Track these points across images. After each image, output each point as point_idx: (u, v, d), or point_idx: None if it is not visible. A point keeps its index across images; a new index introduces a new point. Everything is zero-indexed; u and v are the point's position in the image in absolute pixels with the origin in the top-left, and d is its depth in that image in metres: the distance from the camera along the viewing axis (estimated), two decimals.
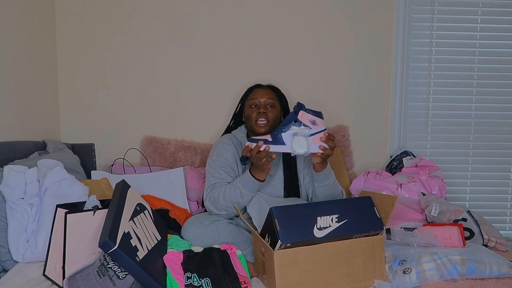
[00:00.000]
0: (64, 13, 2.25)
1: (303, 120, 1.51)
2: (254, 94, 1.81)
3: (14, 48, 1.86)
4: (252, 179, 1.58)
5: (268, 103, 1.78)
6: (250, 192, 1.60)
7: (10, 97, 1.83)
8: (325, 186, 1.66)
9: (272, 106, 1.78)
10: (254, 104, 1.78)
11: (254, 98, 1.79)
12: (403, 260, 1.39)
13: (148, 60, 2.31)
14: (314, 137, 1.51)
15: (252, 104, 1.78)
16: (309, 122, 1.51)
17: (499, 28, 2.42)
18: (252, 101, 1.79)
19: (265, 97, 1.78)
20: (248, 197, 1.61)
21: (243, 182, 1.60)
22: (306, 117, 1.51)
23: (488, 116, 2.46)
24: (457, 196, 2.47)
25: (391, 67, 2.40)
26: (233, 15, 2.32)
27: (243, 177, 1.61)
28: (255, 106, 1.78)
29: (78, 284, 1.23)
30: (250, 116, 1.77)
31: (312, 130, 1.51)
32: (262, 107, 1.77)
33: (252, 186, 1.59)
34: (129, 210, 1.37)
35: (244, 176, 1.61)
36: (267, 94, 1.80)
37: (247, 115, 1.80)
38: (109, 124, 2.32)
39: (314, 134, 1.51)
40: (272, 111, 1.77)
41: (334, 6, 2.35)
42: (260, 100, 1.78)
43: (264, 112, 1.74)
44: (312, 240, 1.31)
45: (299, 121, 1.51)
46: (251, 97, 1.81)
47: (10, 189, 1.45)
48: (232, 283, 1.32)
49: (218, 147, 1.78)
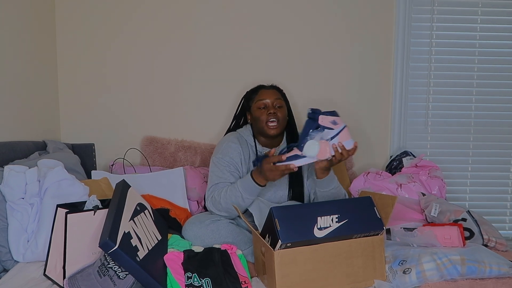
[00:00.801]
0: (64, 13, 2.25)
1: (324, 124, 1.50)
2: (261, 96, 1.78)
3: (14, 48, 1.86)
4: (254, 184, 1.56)
5: (276, 104, 1.76)
6: (251, 196, 1.59)
7: (10, 97, 1.83)
8: (326, 192, 1.65)
9: (280, 106, 1.76)
10: (262, 106, 1.75)
11: (262, 99, 1.76)
12: (403, 260, 1.39)
13: (148, 60, 2.31)
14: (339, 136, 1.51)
15: (261, 105, 1.75)
16: (330, 123, 1.50)
17: (499, 28, 2.42)
18: (260, 103, 1.75)
19: (272, 98, 1.76)
20: (249, 200, 1.59)
21: (244, 186, 1.58)
22: (326, 120, 1.50)
23: (488, 116, 2.46)
24: (457, 196, 2.47)
25: (391, 67, 2.40)
26: (233, 15, 2.32)
27: (244, 181, 1.59)
28: (264, 107, 1.75)
29: (78, 284, 1.23)
30: (260, 118, 1.74)
31: (335, 130, 1.50)
32: (271, 107, 1.74)
33: (253, 190, 1.57)
34: (130, 210, 1.37)
35: (245, 180, 1.58)
36: (274, 95, 1.78)
37: (256, 116, 1.76)
38: (109, 124, 2.32)
39: (339, 133, 1.51)
40: (281, 111, 1.76)
41: (334, 6, 2.35)
42: (268, 101, 1.75)
43: (274, 112, 1.73)
44: (312, 240, 1.31)
45: (322, 126, 1.49)
46: (258, 98, 1.77)
47: (10, 189, 1.45)
48: (232, 283, 1.32)
49: (224, 145, 1.76)
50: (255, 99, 1.79)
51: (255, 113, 1.77)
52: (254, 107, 1.78)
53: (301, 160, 1.48)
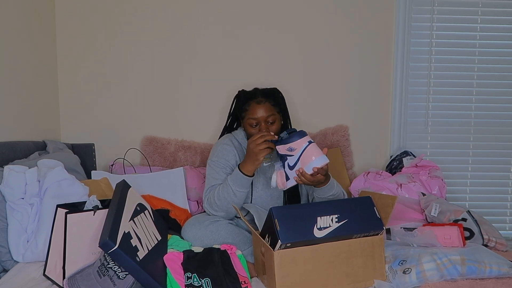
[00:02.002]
0: (64, 13, 2.25)
1: (283, 152, 1.50)
2: (253, 112, 1.70)
3: (14, 48, 1.86)
4: (241, 175, 1.58)
5: (269, 120, 1.71)
6: (241, 188, 1.59)
7: (10, 97, 1.83)
8: (324, 199, 1.63)
9: (273, 122, 1.72)
10: (254, 123, 1.71)
11: (253, 117, 1.70)
12: (403, 260, 1.39)
13: (148, 60, 2.30)
14: (300, 161, 1.47)
15: (252, 123, 1.71)
16: (287, 151, 1.49)
17: (499, 28, 2.42)
18: (251, 120, 1.71)
19: (264, 114, 1.70)
20: (241, 194, 1.60)
21: (233, 178, 1.60)
22: (283, 149, 1.50)
23: (488, 116, 2.46)
24: (457, 196, 2.47)
25: (391, 67, 2.40)
26: (233, 15, 2.32)
27: (232, 174, 1.62)
28: (256, 125, 1.72)
29: (78, 284, 1.23)
30: (252, 133, 1.70)
31: (294, 156, 1.47)
32: (263, 125, 1.70)
33: (242, 181, 1.59)
34: (129, 210, 1.37)
35: (234, 173, 1.61)
36: (266, 111, 1.70)
37: (248, 132, 1.74)
38: (109, 124, 2.32)
39: (299, 158, 1.47)
40: (273, 126, 1.71)
41: (334, 6, 2.34)
42: (259, 118, 1.70)
43: (266, 130, 1.68)
44: (312, 240, 1.31)
45: (282, 155, 1.50)
46: (249, 115, 1.71)
47: (10, 189, 1.45)
48: (232, 283, 1.32)
49: (219, 148, 1.77)
50: (247, 114, 1.74)
51: (246, 129, 1.75)
52: (246, 122, 1.74)
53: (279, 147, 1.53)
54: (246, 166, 1.58)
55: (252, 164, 1.57)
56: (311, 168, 1.45)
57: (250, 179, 1.60)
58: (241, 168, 1.59)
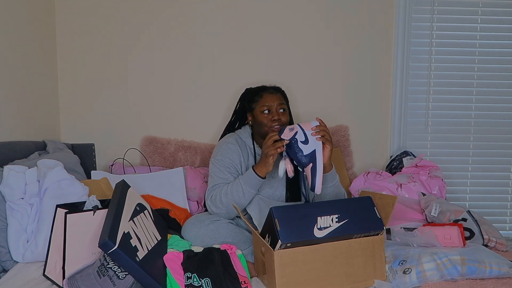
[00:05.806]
0: (64, 13, 2.24)
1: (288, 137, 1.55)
2: (266, 100, 1.77)
3: (14, 48, 1.86)
4: (255, 175, 1.61)
5: (280, 108, 1.77)
6: (252, 189, 1.62)
7: (10, 97, 1.83)
8: (331, 187, 1.67)
9: (284, 110, 1.78)
10: (266, 110, 1.76)
11: (266, 104, 1.76)
12: (403, 260, 1.39)
13: (148, 60, 2.30)
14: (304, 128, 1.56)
15: (264, 110, 1.76)
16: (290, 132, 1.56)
17: (499, 28, 2.42)
18: (264, 107, 1.76)
19: (276, 102, 1.76)
20: (249, 194, 1.62)
21: (245, 178, 1.62)
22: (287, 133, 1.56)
23: (488, 116, 2.46)
24: (457, 196, 2.47)
25: (391, 67, 2.40)
26: (233, 15, 2.32)
27: (245, 174, 1.64)
28: (268, 112, 1.76)
29: (78, 284, 1.23)
30: (263, 122, 1.74)
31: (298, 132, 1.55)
32: (275, 113, 1.75)
33: (254, 182, 1.61)
34: (129, 210, 1.37)
35: (247, 173, 1.64)
36: (278, 99, 1.78)
37: (259, 120, 1.76)
38: (109, 124, 2.31)
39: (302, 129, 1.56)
40: (285, 115, 1.77)
41: (334, 6, 2.35)
42: (272, 105, 1.76)
43: (278, 118, 1.73)
44: (312, 240, 1.31)
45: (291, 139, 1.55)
46: (262, 103, 1.77)
47: (10, 189, 1.45)
48: (232, 283, 1.32)
49: (223, 146, 1.77)
50: (259, 102, 1.79)
51: (258, 117, 1.78)
52: (258, 110, 1.78)
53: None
54: (259, 169, 1.62)
55: (264, 165, 1.60)
56: (315, 125, 1.56)
57: (262, 180, 1.63)
58: (256, 169, 1.62)
